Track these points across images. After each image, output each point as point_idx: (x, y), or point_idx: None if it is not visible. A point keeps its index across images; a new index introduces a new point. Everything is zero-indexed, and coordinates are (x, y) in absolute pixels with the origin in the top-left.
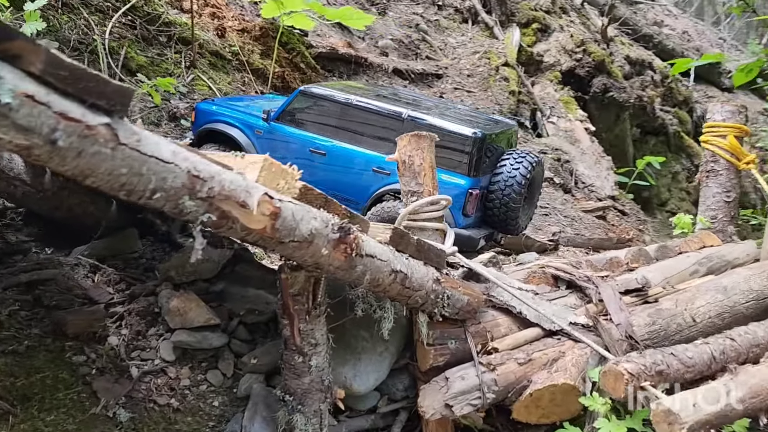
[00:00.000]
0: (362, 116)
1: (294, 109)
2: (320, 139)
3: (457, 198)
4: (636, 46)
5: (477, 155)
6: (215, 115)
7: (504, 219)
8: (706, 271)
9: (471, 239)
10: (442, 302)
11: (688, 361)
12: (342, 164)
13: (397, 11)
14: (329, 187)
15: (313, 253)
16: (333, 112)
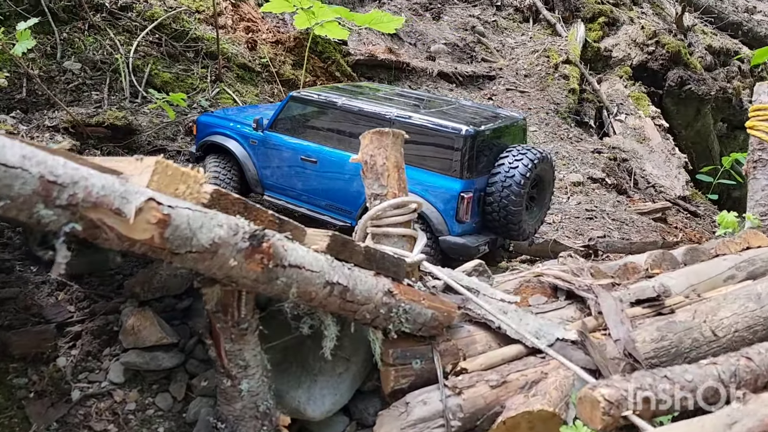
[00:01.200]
0: (350, 119)
1: (286, 117)
2: (311, 146)
3: (449, 203)
4: (720, 35)
5: (469, 154)
6: (214, 127)
7: (505, 224)
8: (745, 277)
9: (466, 248)
10: (398, 317)
11: (686, 385)
12: (333, 171)
13: (453, 15)
14: (322, 196)
15: (220, 265)
16: (321, 116)
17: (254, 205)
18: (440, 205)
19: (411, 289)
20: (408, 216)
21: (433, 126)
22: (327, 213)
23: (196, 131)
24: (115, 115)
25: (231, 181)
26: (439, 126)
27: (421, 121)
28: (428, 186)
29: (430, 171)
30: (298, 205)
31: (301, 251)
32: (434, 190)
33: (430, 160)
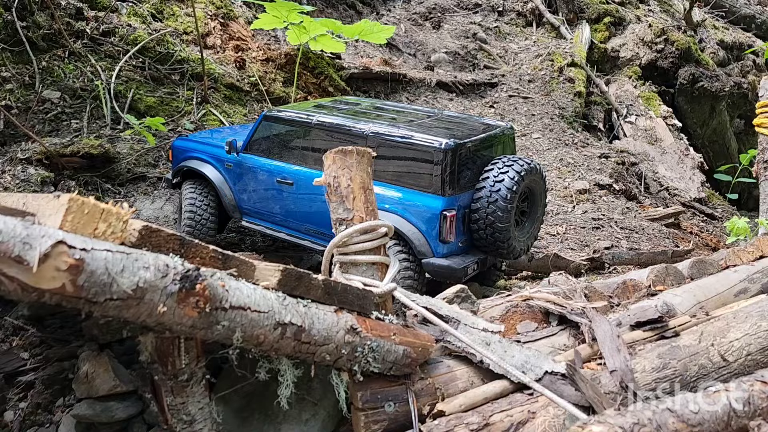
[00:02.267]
0: (324, 136)
1: (260, 137)
2: (286, 168)
3: (431, 222)
4: (733, 29)
5: (450, 169)
6: (189, 151)
7: (492, 242)
8: (759, 290)
9: (451, 270)
10: (363, 357)
11: (691, 418)
12: (310, 193)
13: (453, 23)
14: (301, 219)
15: (148, 312)
16: (296, 135)
17: (192, 240)
18: (422, 226)
19: (379, 323)
20: (378, 241)
21: (411, 140)
22: (307, 238)
23: (171, 157)
24: (91, 144)
25: (208, 208)
26: (418, 140)
27: (398, 135)
28: (408, 205)
29: (409, 189)
30: (277, 230)
31: (246, 290)
32: (414, 208)
33: (410, 176)
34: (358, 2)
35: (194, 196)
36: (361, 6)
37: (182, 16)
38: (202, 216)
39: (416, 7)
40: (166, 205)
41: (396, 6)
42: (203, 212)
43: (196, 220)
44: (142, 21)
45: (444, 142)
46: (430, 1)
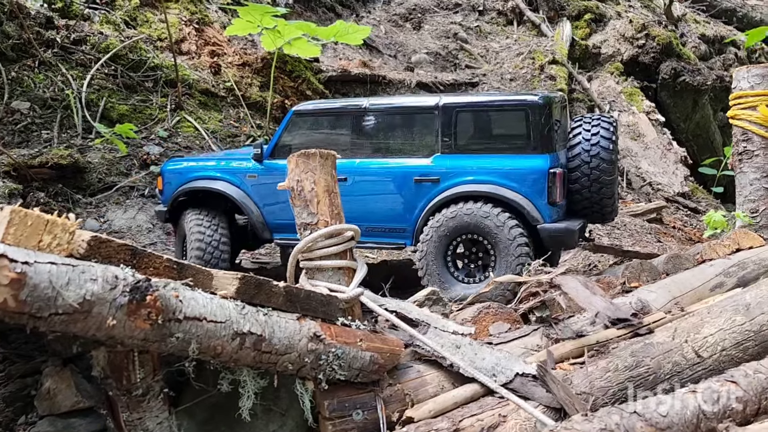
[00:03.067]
0: (384, 121)
1: (291, 137)
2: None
3: (537, 184)
4: (714, 23)
5: (548, 124)
6: (190, 172)
7: (599, 201)
8: (735, 283)
9: (570, 233)
10: (328, 365)
11: (660, 421)
12: (372, 186)
13: (434, 23)
14: (361, 219)
15: (97, 326)
16: (343, 126)
17: (145, 250)
18: (527, 189)
19: (345, 330)
20: (343, 245)
21: (498, 103)
22: (371, 239)
23: (161, 185)
24: (60, 154)
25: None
26: (506, 101)
27: (479, 100)
28: (507, 171)
29: (503, 154)
30: None
31: (202, 300)
32: (515, 173)
33: (500, 141)
34: (338, 4)
35: (202, 223)
36: (341, 8)
37: (156, 22)
38: (215, 246)
39: (396, 8)
40: (138, 215)
41: (376, 7)
42: (215, 241)
43: (208, 251)
44: (115, 28)
45: (537, 96)
46: (410, 2)
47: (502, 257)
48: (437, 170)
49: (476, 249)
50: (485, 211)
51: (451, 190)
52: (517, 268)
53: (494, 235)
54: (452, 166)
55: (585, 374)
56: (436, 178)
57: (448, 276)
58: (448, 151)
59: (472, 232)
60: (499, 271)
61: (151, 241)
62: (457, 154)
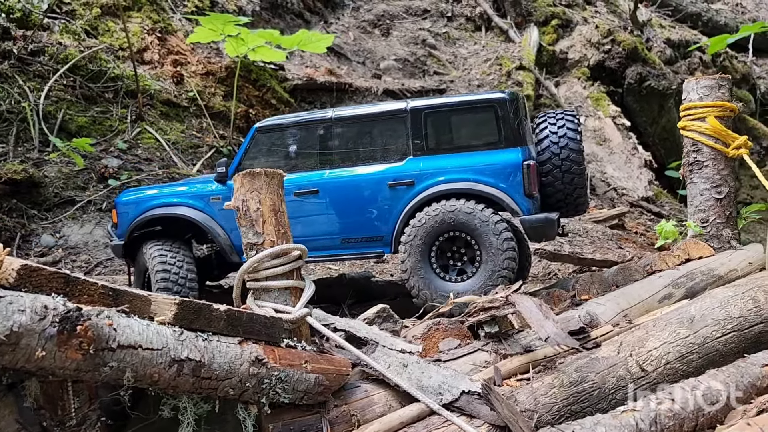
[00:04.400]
0: (352, 130)
1: (256, 155)
2: (305, 176)
3: (512, 177)
4: (679, 28)
5: (516, 119)
6: (148, 201)
7: (572, 192)
8: (683, 294)
9: (550, 222)
10: (271, 388)
11: None
12: (344, 196)
13: (402, 30)
14: (337, 231)
15: (26, 358)
16: (310, 138)
17: (79, 278)
18: (503, 183)
19: (290, 352)
20: (290, 265)
21: (467, 100)
22: (348, 251)
23: (116, 217)
24: (15, 169)
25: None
26: (475, 99)
27: (447, 101)
28: (482, 167)
29: (476, 151)
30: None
31: (138, 327)
32: (490, 168)
33: (472, 138)
34: (306, 11)
35: (164, 254)
36: (309, 15)
37: (117, 31)
38: (180, 275)
39: (365, 14)
40: (95, 230)
41: (344, 14)
42: (180, 269)
43: (173, 281)
44: (75, 38)
45: (504, 93)
46: (378, 9)
47: (489, 252)
48: (411, 173)
49: (459, 246)
50: (469, 206)
51: (427, 191)
52: (505, 263)
53: (479, 231)
54: (426, 167)
55: (530, 391)
56: (411, 181)
57: (434, 276)
58: (421, 153)
59: (455, 229)
60: (487, 266)
61: (108, 256)
62: (429, 156)
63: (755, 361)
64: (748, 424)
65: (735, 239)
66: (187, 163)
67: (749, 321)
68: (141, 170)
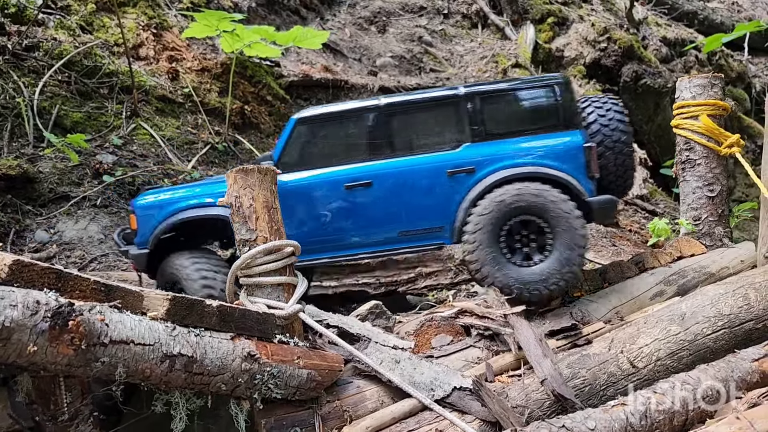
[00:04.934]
0: (404, 118)
1: (296, 148)
2: (355, 168)
3: (575, 159)
4: (675, 26)
5: (574, 102)
6: (174, 203)
7: (623, 173)
8: (675, 292)
9: (614, 204)
10: (264, 384)
11: None
12: (401, 187)
13: (399, 27)
14: (392, 224)
15: (17, 352)
16: (357, 128)
17: (71, 273)
18: (567, 166)
19: (282, 347)
20: (283, 262)
21: (524, 84)
22: (404, 245)
23: (136, 223)
24: (9, 165)
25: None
26: (532, 82)
27: (502, 86)
28: (544, 150)
29: (535, 135)
30: (348, 255)
31: (130, 322)
32: (553, 151)
33: (529, 121)
34: (302, 7)
35: (200, 260)
36: (305, 11)
37: (112, 27)
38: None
39: (361, 11)
40: (90, 225)
41: (341, 10)
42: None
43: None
44: (70, 34)
45: (558, 77)
46: (375, 5)
47: (562, 234)
48: (471, 159)
49: (529, 231)
50: (537, 188)
51: (490, 177)
52: (580, 240)
53: (551, 213)
54: (486, 153)
55: (522, 387)
56: (471, 168)
57: (505, 262)
58: (479, 139)
59: (525, 213)
60: (561, 248)
61: (102, 252)
62: (487, 141)
63: (745, 356)
64: (737, 418)
65: (727, 237)
66: (182, 159)
67: (740, 318)
68: (136, 166)
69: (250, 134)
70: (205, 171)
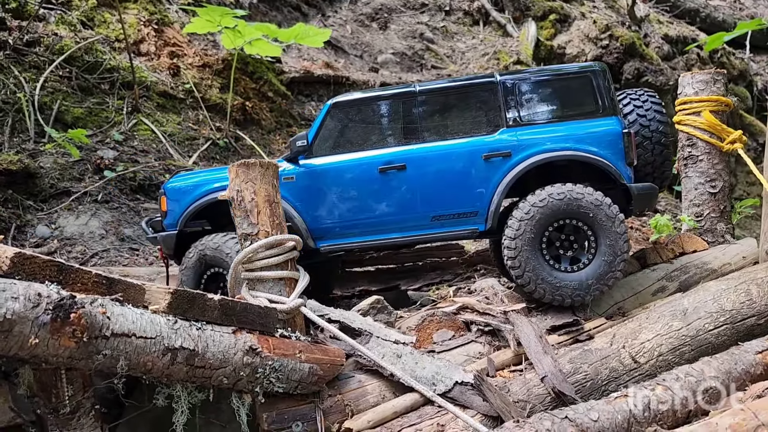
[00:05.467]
0: (439, 103)
1: (331, 131)
2: (389, 152)
3: (614, 145)
4: (677, 23)
5: (609, 89)
6: (204, 185)
7: (661, 164)
8: (677, 288)
9: (654, 191)
10: (265, 377)
11: (591, 426)
12: (435, 171)
13: (400, 23)
14: (426, 208)
15: (19, 345)
16: (392, 113)
17: (72, 266)
18: (605, 152)
19: (284, 341)
20: (284, 256)
21: (560, 71)
22: (437, 230)
23: (165, 205)
24: (10, 160)
25: None
26: (568, 69)
27: (541, 72)
28: (582, 135)
29: (573, 120)
30: (381, 239)
31: (132, 315)
32: (591, 137)
33: (567, 108)
34: (303, 4)
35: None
36: (306, 8)
37: (114, 23)
38: None
39: (363, 7)
40: (91, 221)
41: (342, 7)
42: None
43: None
44: (71, 29)
45: (594, 64)
46: (376, 2)
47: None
48: (507, 144)
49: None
50: (579, 191)
51: (527, 161)
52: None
53: (595, 216)
54: (523, 138)
55: (523, 382)
56: (508, 152)
57: (548, 267)
58: (515, 124)
59: (568, 216)
60: (605, 253)
61: (104, 248)
62: (524, 126)
63: (749, 348)
64: (741, 409)
65: (729, 233)
66: (183, 155)
67: (741, 314)
68: (137, 162)
69: (251, 130)
70: (206, 167)
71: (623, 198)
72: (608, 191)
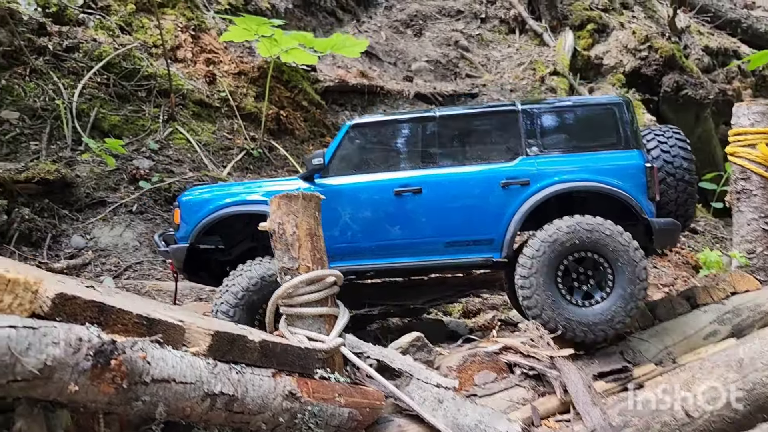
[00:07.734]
0: (459, 128)
1: (348, 153)
2: (408, 175)
3: (635, 179)
4: (718, 35)
5: (633, 123)
6: (215, 200)
7: (684, 202)
8: (729, 332)
9: (677, 227)
10: (304, 423)
11: None
12: (452, 196)
13: (435, 30)
14: (442, 233)
15: (58, 391)
16: (411, 136)
17: (113, 307)
18: (626, 185)
19: (323, 384)
20: (325, 292)
21: (586, 102)
22: (453, 256)
23: (179, 217)
24: (47, 169)
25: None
26: (593, 101)
27: (563, 103)
28: (602, 167)
29: (594, 152)
30: (394, 263)
31: (172, 359)
32: (612, 169)
33: (588, 139)
34: (338, 9)
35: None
36: (342, 13)
37: (151, 28)
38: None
39: (397, 14)
40: (125, 232)
41: (377, 13)
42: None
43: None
44: (110, 34)
45: (619, 98)
46: (411, 8)
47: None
48: (526, 172)
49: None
50: (589, 223)
51: (546, 190)
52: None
53: (608, 246)
54: (542, 167)
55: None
56: (526, 181)
57: (565, 304)
58: (534, 152)
59: (581, 249)
60: (622, 291)
61: (137, 260)
62: (544, 155)
63: None
64: None
65: None
66: (218, 165)
67: None
68: (172, 172)
69: (285, 140)
70: (240, 178)
71: (645, 234)
72: (629, 227)
